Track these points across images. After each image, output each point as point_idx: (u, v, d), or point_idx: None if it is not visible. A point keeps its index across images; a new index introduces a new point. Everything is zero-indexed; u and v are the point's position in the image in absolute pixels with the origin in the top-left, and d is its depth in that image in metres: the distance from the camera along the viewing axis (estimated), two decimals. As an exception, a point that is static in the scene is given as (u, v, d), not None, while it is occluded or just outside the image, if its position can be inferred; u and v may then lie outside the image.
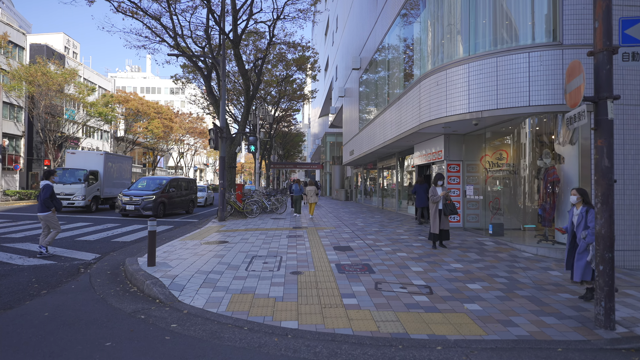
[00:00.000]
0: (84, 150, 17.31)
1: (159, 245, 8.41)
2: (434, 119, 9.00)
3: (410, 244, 8.39)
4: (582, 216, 4.70)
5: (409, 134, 10.86)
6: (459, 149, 10.56)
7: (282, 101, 31.17)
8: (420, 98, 9.80)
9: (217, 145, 12.06)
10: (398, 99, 11.98)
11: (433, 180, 8.01)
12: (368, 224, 11.90)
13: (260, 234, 9.98)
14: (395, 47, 13.27)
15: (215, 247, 8.02)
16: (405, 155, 15.42)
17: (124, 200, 14.06)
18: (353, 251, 7.62)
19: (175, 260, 6.52)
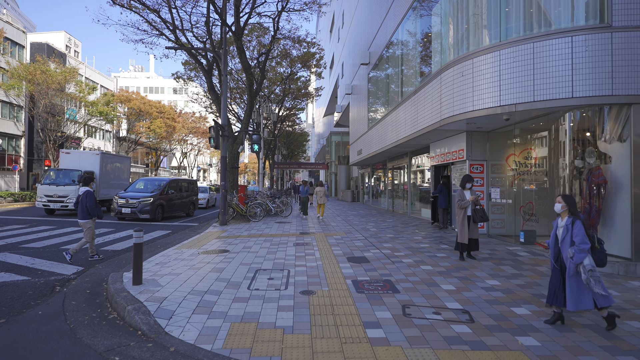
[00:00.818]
0: (79, 150, 16.52)
1: (152, 254, 7.56)
2: (458, 114, 8.07)
3: (434, 254, 7.47)
4: (567, 229, 3.92)
5: (426, 131, 9.93)
6: (483, 148, 9.62)
7: (287, 100, 30.33)
8: (441, 91, 8.87)
9: (218, 144, 11.20)
10: (414, 93, 11.05)
11: (460, 182, 7.09)
12: (381, 229, 10.98)
13: (264, 241, 9.10)
14: (409, 40, 12.34)
15: (214, 257, 7.14)
16: (419, 155, 14.49)
17: (120, 203, 13.24)
18: (370, 263, 6.71)
19: (167, 277, 5.64)
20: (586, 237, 3.79)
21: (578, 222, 3.84)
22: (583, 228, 3.81)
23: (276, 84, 27.34)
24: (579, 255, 3.75)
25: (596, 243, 3.89)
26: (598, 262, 3.85)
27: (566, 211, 3.98)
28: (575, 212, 3.94)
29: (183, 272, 5.90)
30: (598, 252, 3.88)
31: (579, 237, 3.76)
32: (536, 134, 8.57)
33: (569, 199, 4.00)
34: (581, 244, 3.75)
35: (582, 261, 3.74)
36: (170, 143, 54.02)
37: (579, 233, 3.78)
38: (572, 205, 3.96)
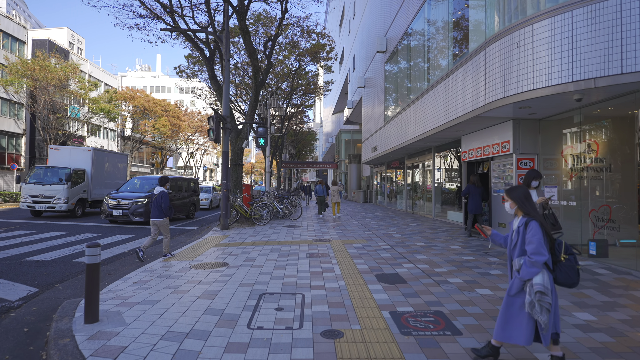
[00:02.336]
0: (69, 146, 15.22)
1: (133, 268, 6.14)
2: (511, 95, 6.50)
3: (485, 271, 5.90)
4: (519, 232, 2.89)
5: (462, 120, 8.36)
6: (533, 139, 8.02)
7: (294, 96, 28.85)
8: (486, 70, 7.30)
9: (219, 137, 9.74)
10: (446, 77, 9.48)
11: (524, 179, 5.51)
12: (407, 236, 9.43)
13: (271, 250, 7.61)
14: (437, 16, 10.76)
15: (208, 274, 5.67)
16: (446, 150, 12.89)
17: (111, 204, 11.87)
18: (408, 284, 5.18)
19: (139, 307, 4.17)
20: (543, 244, 2.69)
21: (533, 223, 2.75)
22: (540, 232, 2.72)
23: (283, 79, 25.91)
24: (528, 270, 2.71)
25: (563, 253, 2.78)
26: (563, 280, 2.77)
27: (519, 209, 2.92)
28: (530, 210, 2.85)
29: (163, 299, 4.43)
30: (565, 266, 2.76)
31: (532, 245, 2.69)
32: (601, 121, 6.96)
33: (515, 194, 2.93)
34: (534, 255, 2.68)
35: (530, 278, 2.71)
36: (176, 142, 53.02)
37: (532, 239, 2.70)
38: (521, 201, 2.88)
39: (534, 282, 2.68)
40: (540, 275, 2.68)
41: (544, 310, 2.65)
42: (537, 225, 2.73)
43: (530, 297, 2.68)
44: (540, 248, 2.65)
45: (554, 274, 2.74)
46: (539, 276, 2.68)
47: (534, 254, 2.66)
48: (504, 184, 8.43)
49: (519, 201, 2.88)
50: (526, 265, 2.70)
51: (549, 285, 2.66)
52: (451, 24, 9.83)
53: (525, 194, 2.88)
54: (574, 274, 2.74)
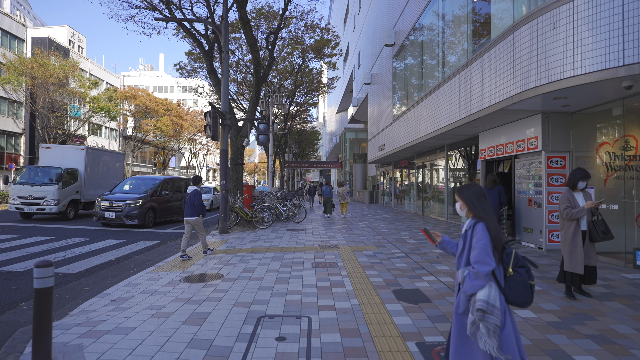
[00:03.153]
0: (62, 145, 14.53)
1: (116, 281, 5.41)
2: (546, 83, 5.68)
3: (520, 285, 5.09)
4: (465, 237, 2.42)
5: (485, 114, 7.55)
6: (565, 135, 7.19)
7: (298, 94, 28.07)
8: (514, 56, 6.49)
9: (216, 134, 8.99)
10: (464, 67, 8.67)
11: (568, 180, 4.71)
12: (421, 241, 8.63)
13: (272, 259, 6.84)
14: (453, 5, 9.95)
15: (199, 289, 4.91)
16: (460, 148, 12.07)
17: (103, 206, 11.15)
18: (432, 303, 4.39)
19: (108, 337, 3.40)
20: (489, 252, 2.22)
21: (479, 226, 2.30)
22: (486, 236, 2.25)
23: (287, 77, 25.14)
24: (472, 283, 2.24)
25: (510, 265, 2.26)
26: (513, 298, 2.25)
27: (469, 211, 2.45)
28: (480, 212, 2.37)
29: (141, 325, 3.67)
30: (514, 281, 2.24)
31: (475, 252, 2.24)
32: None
33: (465, 194, 2.46)
34: (477, 264, 2.22)
35: (474, 292, 2.23)
36: (179, 142, 52.43)
37: (476, 245, 2.25)
38: (470, 203, 2.42)
39: (476, 297, 2.19)
40: (486, 290, 2.17)
41: (491, 334, 2.11)
42: (483, 228, 2.24)
43: (472, 316, 2.17)
44: (485, 256, 2.16)
45: (504, 290, 2.23)
46: (483, 290, 2.18)
47: (477, 262, 2.18)
48: (531, 185, 7.61)
49: (469, 202, 2.39)
50: (469, 277, 2.22)
51: (497, 303, 2.14)
52: (470, 9, 9.01)
53: (477, 194, 2.40)
54: (525, 290, 2.21)
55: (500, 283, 2.22)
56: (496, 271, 2.21)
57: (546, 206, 7.10)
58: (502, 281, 2.23)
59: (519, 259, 2.26)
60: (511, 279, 2.22)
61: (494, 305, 2.13)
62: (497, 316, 2.12)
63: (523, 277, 2.21)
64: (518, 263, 2.25)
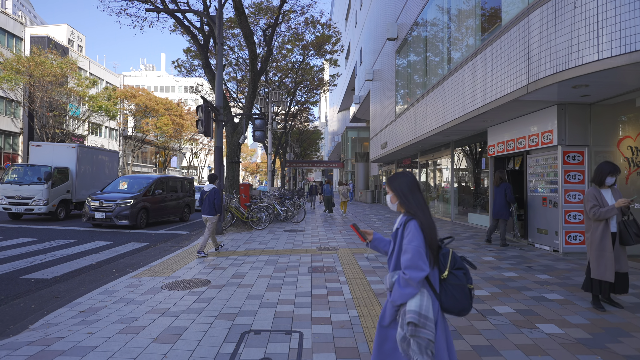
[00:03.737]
0: (52, 143, 14.08)
1: (93, 287, 4.94)
2: (566, 69, 5.14)
3: (540, 294, 4.56)
4: (396, 236, 2.01)
5: (495, 106, 7.01)
6: (583, 128, 6.64)
7: (299, 92, 27.55)
8: (529, 42, 5.95)
9: (209, 130, 8.49)
10: (472, 57, 8.13)
11: (595, 175, 4.17)
12: (426, 243, 8.08)
13: (266, 262, 6.33)
14: None
15: (180, 299, 4.40)
16: (466, 144, 11.52)
17: (93, 206, 10.68)
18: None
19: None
20: (423, 254, 1.86)
21: (412, 224, 1.92)
22: (420, 236, 1.88)
23: (287, 75, 24.64)
24: (402, 292, 1.88)
25: (447, 268, 1.93)
26: (449, 305, 1.92)
27: (400, 205, 2.05)
28: (412, 207, 1.98)
29: (104, 343, 3.16)
30: (450, 286, 1.92)
31: (407, 255, 1.86)
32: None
33: (395, 183, 2.08)
34: (409, 269, 1.85)
35: (404, 302, 1.88)
36: (180, 142, 52.05)
37: (408, 247, 1.87)
38: (402, 194, 2.03)
39: (407, 308, 1.88)
40: (417, 299, 1.87)
41: (424, 350, 1.82)
42: (415, 226, 1.90)
43: (402, 330, 1.87)
44: (418, 260, 1.84)
45: (440, 297, 1.92)
46: (414, 300, 1.87)
47: (409, 268, 1.85)
48: (546, 183, 7.07)
49: (400, 194, 2.02)
50: (399, 284, 1.89)
51: (430, 314, 1.84)
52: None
53: (410, 184, 2.04)
54: (463, 296, 1.92)
55: (435, 288, 1.91)
56: (430, 275, 1.91)
57: (562, 205, 6.56)
58: (437, 286, 1.92)
59: (456, 260, 1.96)
60: (447, 283, 1.90)
61: (426, 317, 1.81)
62: (431, 329, 1.81)
63: (461, 280, 1.90)
64: (455, 265, 1.94)
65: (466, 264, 2.00)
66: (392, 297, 1.93)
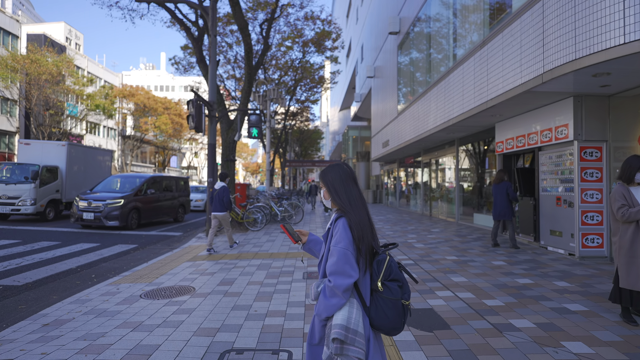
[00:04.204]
0: (42, 141, 13.65)
1: (63, 298, 4.46)
2: (587, 55, 4.65)
3: (559, 303, 4.07)
4: (328, 237, 1.76)
5: (505, 98, 6.53)
6: (601, 122, 6.15)
7: (299, 91, 27.06)
8: (544, 27, 5.47)
9: (200, 125, 8.03)
10: (480, 47, 7.65)
11: (622, 171, 3.69)
12: (431, 246, 7.61)
13: (258, 267, 5.86)
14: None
15: (159, 309, 3.94)
16: (472, 142, 11.03)
17: (81, 207, 10.22)
18: (451, 330, 3.40)
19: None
20: (351, 258, 1.59)
21: (341, 222, 1.65)
22: (348, 236, 1.61)
23: (287, 73, 24.17)
24: (327, 303, 1.60)
25: (380, 278, 1.63)
26: (378, 322, 1.63)
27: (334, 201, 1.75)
28: (343, 202, 1.69)
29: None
30: (381, 300, 1.63)
31: (332, 260, 1.59)
32: None
33: (328, 176, 1.78)
34: (334, 275, 1.58)
35: (331, 315, 1.60)
36: (179, 141, 51.64)
37: (335, 249, 1.60)
38: (333, 189, 1.74)
39: (332, 322, 1.60)
40: (345, 311, 1.59)
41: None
42: (344, 225, 1.65)
43: (328, 349, 1.60)
44: (344, 265, 1.58)
45: (369, 311, 1.66)
46: (342, 312, 1.59)
47: (334, 274, 1.59)
48: (560, 181, 6.58)
49: (332, 188, 1.76)
50: (324, 294, 1.63)
51: (360, 328, 1.58)
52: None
53: (343, 177, 1.77)
54: (395, 313, 1.63)
55: (365, 300, 1.64)
56: (361, 284, 1.64)
57: (579, 205, 6.07)
58: (368, 298, 1.64)
59: (392, 270, 1.65)
60: (379, 297, 1.62)
61: (355, 332, 1.55)
62: (360, 346, 1.55)
63: (395, 294, 1.61)
64: (391, 275, 1.64)
65: (405, 276, 1.69)
66: (317, 309, 1.63)
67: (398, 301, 1.61)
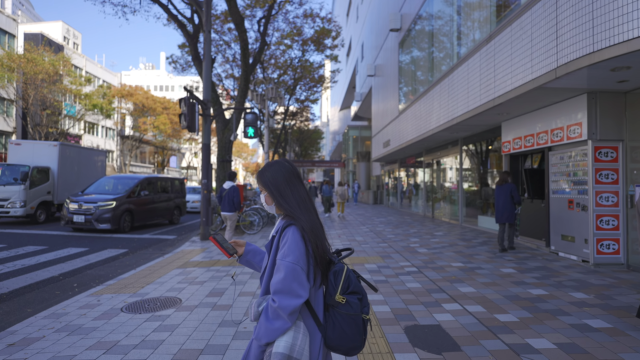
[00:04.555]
0: (33, 141, 13.30)
1: (37, 312, 4.11)
2: (607, 47, 4.29)
3: (579, 318, 3.70)
4: (271, 247, 1.46)
5: (513, 95, 6.17)
6: (617, 120, 5.78)
7: (299, 90, 26.69)
8: (557, 17, 5.10)
9: (193, 125, 7.67)
10: (486, 42, 7.28)
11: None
12: (435, 250, 7.24)
13: (251, 276, 5.51)
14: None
15: (138, 325, 3.59)
16: (476, 141, 10.66)
17: (72, 209, 9.87)
18: (462, 352, 3.03)
19: None
20: (300, 274, 1.35)
21: (290, 230, 1.41)
22: (300, 247, 1.38)
23: (286, 72, 23.80)
24: (269, 326, 1.36)
25: (338, 291, 1.41)
26: (335, 341, 1.40)
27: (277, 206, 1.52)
28: (292, 208, 1.46)
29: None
30: (339, 316, 1.40)
31: (279, 276, 1.35)
32: None
33: (266, 175, 1.52)
34: (279, 295, 1.35)
35: (273, 340, 1.36)
36: (179, 142, 51.32)
37: (282, 264, 1.35)
38: (274, 189, 1.50)
39: (273, 349, 1.32)
40: (289, 336, 1.33)
41: None
42: (294, 233, 1.38)
43: None
44: (292, 281, 1.31)
45: (324, 329, 1.40)
46: (285, 337, 1.33)
47: (280, 293, 1.31)
48: (572, 183, 6.21)
49: (274, 190, 1.48)
50: (266, 315, 1.36)
51: (305, 356, 1.32)
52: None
53: (286, 176, 1.49)
54: (354, 330, 1.38)
55: (319, 318, 1.43)
56: (314, 299, 1.43)
57: (593, 209, 5.70)
58: (322, 315, 1.44)
59: (351, 281, 1.43)
60: (336, 312, 1.40)
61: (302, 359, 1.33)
62: None
63: (354, 309, 1.40)
64: (349, 287, 1.42)
65: (363, 286, 1.47)
66: (256, 333, 1.39)
67: (358, 316, 1.39)
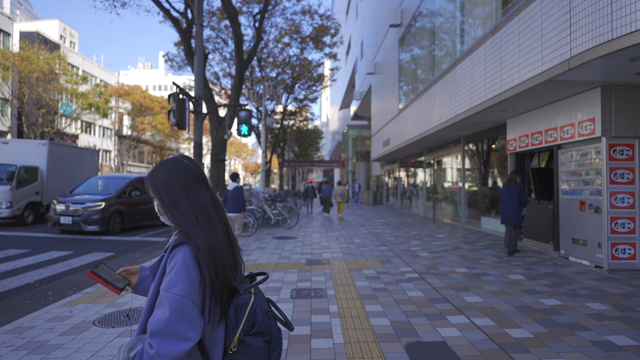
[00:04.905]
0: (21, 140, 12.92)
1: (8, 321, 3.82)
2: (628, 33, 3.90)
3: (600, 334, 3.32)
4: (156, 269, 1.27)
5: (522, 89, 5.78)
6: (633, 115, 5.40)
7: (297, 89, 26.31)
8: (571, 5, 4.72)
9: (183, 122, 7.28)
10: (492, 34, 6.90)
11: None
12: (437, 254, 6.86)
13: (241, 282, 5.11)
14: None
15: (109, 342, 3.21)
16: (479, 140, 10.28)
17: (59, 210, 9.49)
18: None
19: None
20: (191, 309, 1.03)
21: (181, 252, 1.07)
22: (193, 274, 1.06)
23: (285, 71, 23.42)
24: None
25: (238, 332, 1.07)
26: None
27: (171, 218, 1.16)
28: (190, 224, 1.11)
29: None
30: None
31: (161, 311, 1.03)
32: None
33: (157, 177, 1.17)
34: (160, 336, 1.00)
35: None
36: (177, 141, 50.94)
37: (166, 295, 1.03)
38: (166, 196, 1.14)
39: None
40: None
41: None
42: (185, 256, 1.07)
43: None
44: (177, 321, 1.01)
45: None
46: None
47: (159, 334, 1.01)
48: (584, 183, 5.83)
49: (166, 197, 1.14)
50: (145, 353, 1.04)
51: None
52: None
53: (183, 177, 1.16)
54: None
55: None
56: (210, 340, 1.09)
57: (608, 211, 5.32)
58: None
59: (257, 318, 1.09)
60: (236, 359, 1.08)
61: None
62: None
63: (257, 354, 1.07)
64: (255, 326, 1.08)
65: (275, 323, 1.16)
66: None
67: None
